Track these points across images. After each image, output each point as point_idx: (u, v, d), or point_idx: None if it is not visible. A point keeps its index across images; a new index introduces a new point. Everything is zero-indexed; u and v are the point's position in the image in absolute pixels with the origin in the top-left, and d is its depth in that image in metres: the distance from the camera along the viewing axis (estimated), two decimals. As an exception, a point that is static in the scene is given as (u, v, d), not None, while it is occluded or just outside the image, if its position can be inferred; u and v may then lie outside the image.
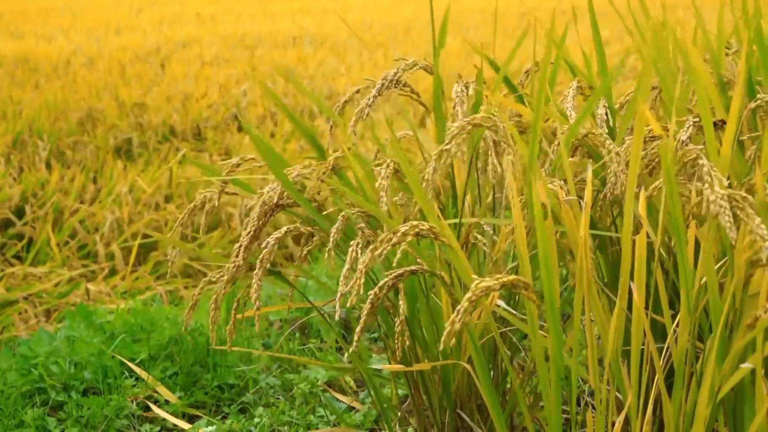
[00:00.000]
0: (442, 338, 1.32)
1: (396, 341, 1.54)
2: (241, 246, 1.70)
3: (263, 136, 1.79)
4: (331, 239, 1.58)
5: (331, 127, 1.82)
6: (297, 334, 2.74)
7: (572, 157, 1.70)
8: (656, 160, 1.59)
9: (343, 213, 1.62)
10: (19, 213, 4.43)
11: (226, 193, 1.83)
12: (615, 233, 1.69)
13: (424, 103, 1.86)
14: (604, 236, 1.71)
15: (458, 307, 1.33)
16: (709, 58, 1.85)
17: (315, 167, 1.73)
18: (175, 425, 2.24)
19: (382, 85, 1.79)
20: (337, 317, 1.41)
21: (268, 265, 1.75)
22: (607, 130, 1.70)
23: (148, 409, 2.30)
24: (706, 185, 1.32)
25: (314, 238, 1.78)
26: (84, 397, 2.27)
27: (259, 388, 2.42)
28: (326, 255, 1.59)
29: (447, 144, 1.52)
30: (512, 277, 1.38)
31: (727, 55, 1.91)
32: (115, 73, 7.62)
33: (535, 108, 1.53)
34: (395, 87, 1.80)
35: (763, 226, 1.28)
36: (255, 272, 1.66)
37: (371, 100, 1.77)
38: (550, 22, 1.67)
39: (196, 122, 6.17)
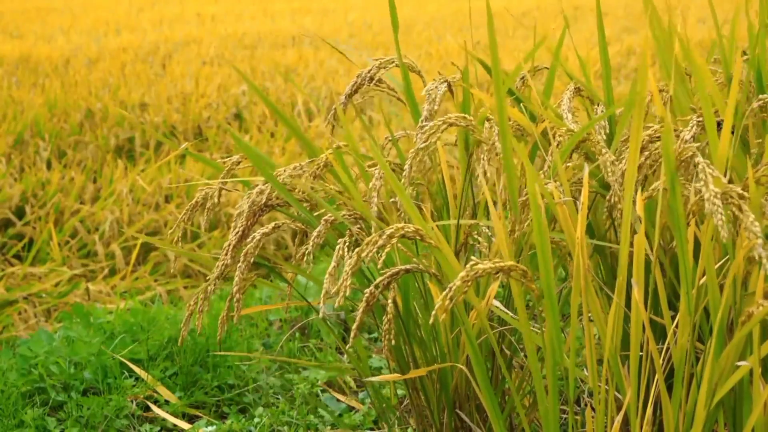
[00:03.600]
0: (432, 313, 1.33)
1: (383, 338, 1.55)
2: (229, 245, 1.70)
3: (246, 138, 1.80)
4: (311, 242, 1.58)
5: (333, 126, 1.82)
6: (297, 334, 2.74)
7: (569, 159, 1.71)
8: (659, 159, 1.59)
9: (325, 217, 1.62)
10: (20, 213, 4.43)
11: (227, 189, 1.83)
12: (614, 238, 1.69)
13: (402, 99, 1.87)
14: (603, 236, 1.71)
15: (450, 285, 1.33)
16: (720, 59, 1.85)
17: (305, 167, 1.74)
18: (175, 425, 2.24)
19: (356, 82, 1.79)
20: (320, 315, 1.41)
21: (266, 263, 1.76)
22: (605, 137, 1.70)
23: (148, 409, 2.30)
24: (702, 183, 1.32)
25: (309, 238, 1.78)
26: (84, 397, 2.27)
27: (259, 388, 2.42)
28: (305, 258, 1.59)
29: (422, 143, 1.54)
30: (509, 263, 1.38)
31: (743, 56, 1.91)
32: (115, 72, 7.62)
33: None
34: (370, 84, 1.80)
35: (756, 223, 1.28)
36: (238, 265, 1.66)
37: (345, 97, 1.78)
38: (549, 23, 1.67)
39: (196, 122, 6.18)
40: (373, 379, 1.62)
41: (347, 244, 1.57)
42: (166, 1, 16.09)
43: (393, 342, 1.55)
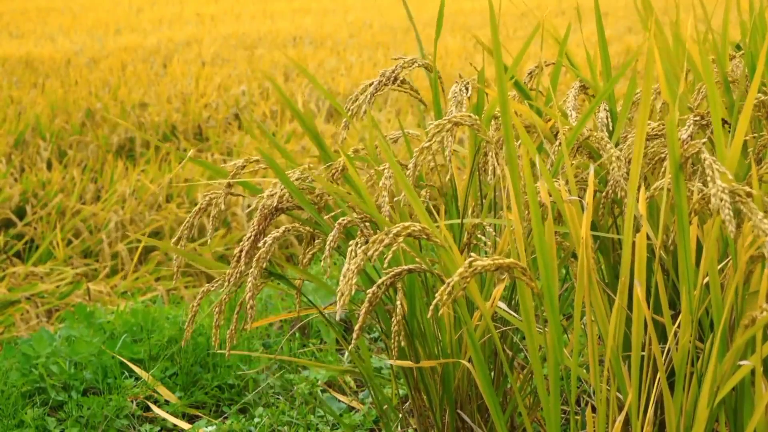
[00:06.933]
0: (431, 307, 1.32)
1: (393, 340, 1.54)
2: (242, 251, 1.69)
3: (264, 139, 1.79)
4: (327, 247, 1.58)
5: (346, 125, 1.81)
6: (297, 335, 2.74)
7: (573, 157, 1.70)
8: (656, 158, 1.59)
9: (339, 220, 1.62)
10: (20, 213, 4.43)
11: (232, 194, 1.82)
12: (616, 235, 1.69)
13: (424, 100, 1.86)
14: (606, 238, 1.71)
15: (448, 281, 1.33)
16: (714, 58, 1.85)
17: (320, 170, 1.73)
18: (175, 425, 2.24)
19: (380, 81, 1.79)
20: (338, 317, 1.40)
21: (274, 271, 1.75)
22: (607, 134, 1.70)
23: (148, 409, 2.30)
24: (708, 179, 1.31)
25: (316, 241, 1.77)
26: (84, 397, 2.27)
27: (259, 388, 2.41)
28: (322, 262, 1.58)
29: (427, 142, 1.53)
30: (509, 260, 1.38)
31: (733, 57, 1.91)
32: (116, 73, 7.62)
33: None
34: (393, 84, 1.80)
35: (765, 220, 1.27)
36: (251, 271, 1.65)
37: (369, 96, 1.77)
38: (553, 22, 1.67)
39: (196, 122, 6.18)
40: (394, 362, 1.59)
41: (359, 245, 1.57)
42: (166, 1, 16.09)
43: (402, 343, 1.55)
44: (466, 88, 1.69)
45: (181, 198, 4.67)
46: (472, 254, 1.44)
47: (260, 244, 1.67)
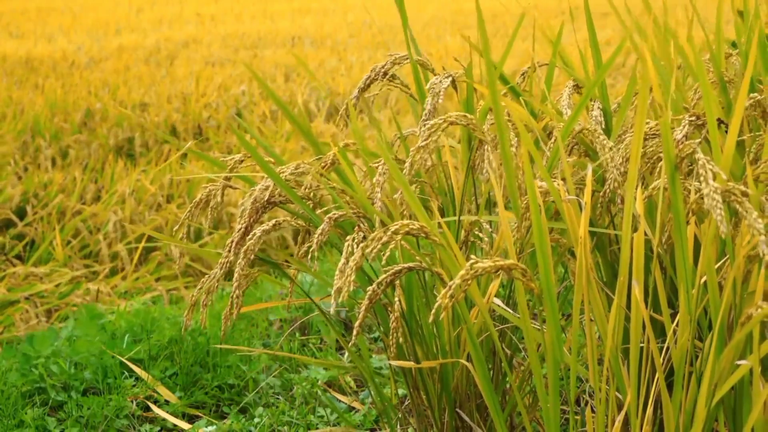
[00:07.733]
0: (432, 312, 1.33)
1: (390, 337, 1.54)
2: (232, 242, 1.70)
3: (257, 136, 1.79)
4: (315, 240, 1.58)
5: (346, 120, 1.81)
6: (297, 334, 2.74)
7: (569, 156, 1.70)
8: (654, 158, 1.59)
9: (329, 215, 1.62)
10: (20, 213, 4.43)
11: (230, 187, 1.83)
12: (614, 232, 1.69)
13: (415, 95, 1.86)
14: (603, 236, 1.71)
15: (450, 283, 1.33)
16: (709, 58, 1.86)
17: (311, 164, 1.73)
18: (175, 425, 2.24)
19: (369, 77, 1.79)
20: (332, 310, 1.41)
21: (270, 260, 1.75)
22: (601, 131, 1.70)
23: (148, 409, 2.30)
24: (701, 178, 1.32)
25: (312, 236, 1.78)
26: (84, 397, 2.27)
27: (259, 388, 2.42)
28: (309, 256, 1.59)
29: (423, 141, 1.53)
30: (509, 261, 1.38)
31: (729, 56, 1.91)
32: (116, 73, 7.62)
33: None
34: (383, 79, 1.80)
35: (760, 220, 1.28)
36: (237, 262, 1.66)
37: (358, 91, 1.78)
38: (549, 21, 1.67)
39: (197, 121, 6.18)
40: (394, 362, 1.59)
41: (355, 240, 1.57)
42: (166, 1, 16.10)
43: (401, 340, 1.55)
44: (446, 80, 1.68)
45: (182, 198, 4.68)
46: (472, 256, 1.44)
47: (249, 237, 1.67)
